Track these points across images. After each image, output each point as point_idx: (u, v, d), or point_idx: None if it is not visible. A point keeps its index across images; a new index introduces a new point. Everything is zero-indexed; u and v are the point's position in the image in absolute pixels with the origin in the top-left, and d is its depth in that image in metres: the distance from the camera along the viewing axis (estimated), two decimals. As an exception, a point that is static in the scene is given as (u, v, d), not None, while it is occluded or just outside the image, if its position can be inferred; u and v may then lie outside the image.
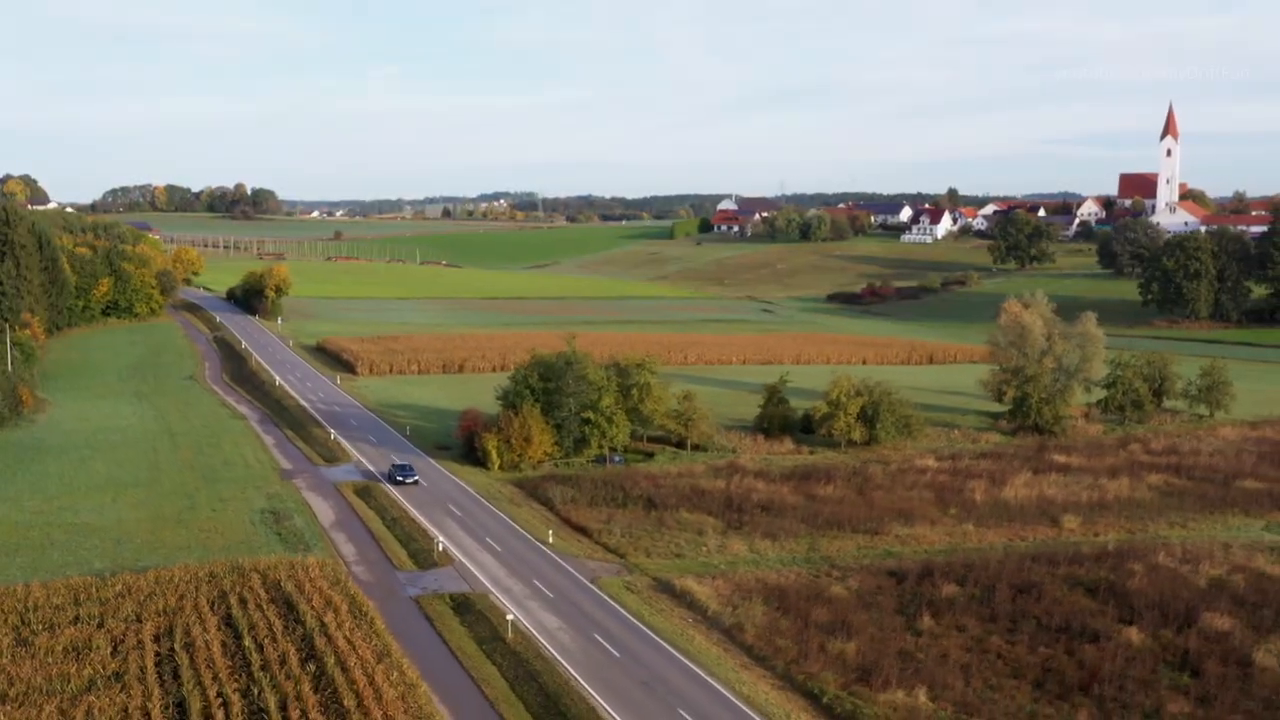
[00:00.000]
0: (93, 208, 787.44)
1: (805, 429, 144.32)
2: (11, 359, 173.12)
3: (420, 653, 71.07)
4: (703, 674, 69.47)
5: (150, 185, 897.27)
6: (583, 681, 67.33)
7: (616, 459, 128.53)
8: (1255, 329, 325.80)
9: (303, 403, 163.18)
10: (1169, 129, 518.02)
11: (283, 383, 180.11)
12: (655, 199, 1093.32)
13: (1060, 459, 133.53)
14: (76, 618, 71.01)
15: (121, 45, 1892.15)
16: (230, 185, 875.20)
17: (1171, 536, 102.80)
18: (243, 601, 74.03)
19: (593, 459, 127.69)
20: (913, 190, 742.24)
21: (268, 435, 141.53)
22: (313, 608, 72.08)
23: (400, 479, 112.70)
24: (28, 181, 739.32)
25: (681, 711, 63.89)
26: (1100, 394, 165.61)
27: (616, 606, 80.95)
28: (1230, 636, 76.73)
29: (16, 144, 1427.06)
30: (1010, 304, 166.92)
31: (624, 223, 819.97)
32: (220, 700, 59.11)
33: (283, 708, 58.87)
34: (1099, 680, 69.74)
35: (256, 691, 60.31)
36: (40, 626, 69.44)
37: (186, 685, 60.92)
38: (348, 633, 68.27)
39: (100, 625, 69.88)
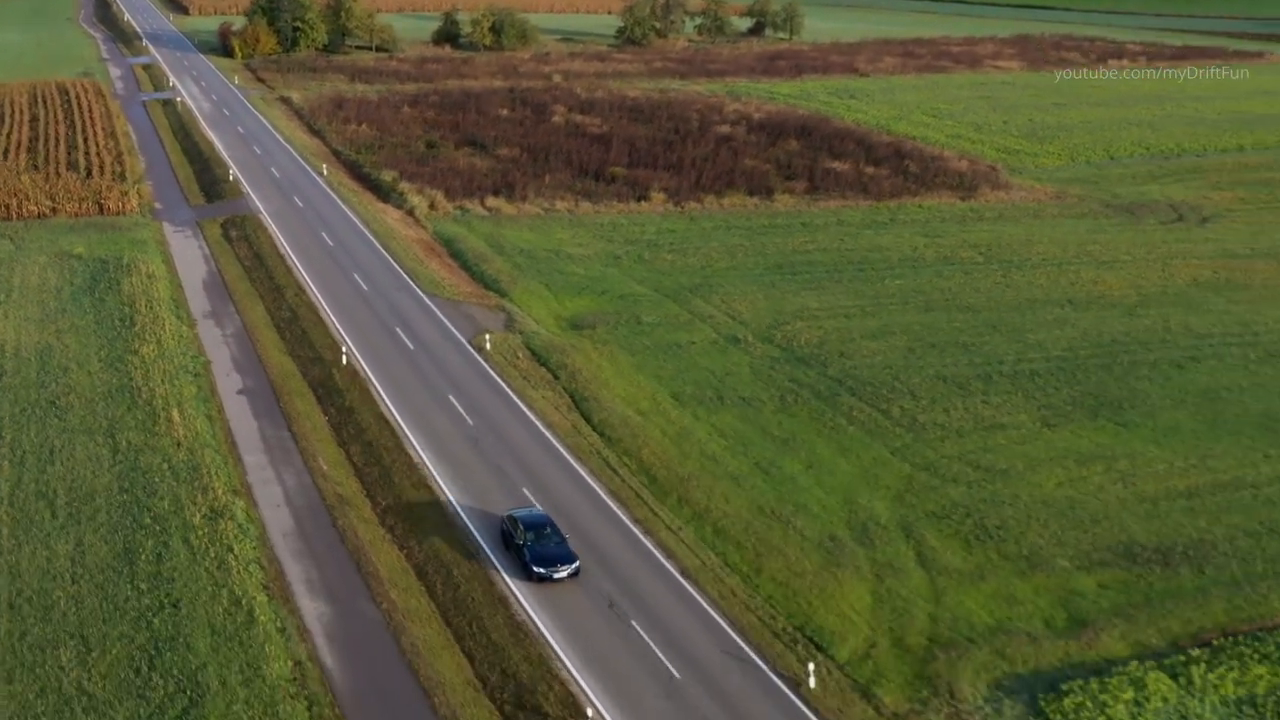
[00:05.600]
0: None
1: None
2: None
3: (130, 116, 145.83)
4: (264, 121, 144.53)
5: None
6: (202, 123, 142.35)
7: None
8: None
9: (138, 30, 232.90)
10: None
11: (130, 19, 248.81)
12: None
13: (619, 56, 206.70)
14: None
15: None
16: None
17: (629, 86, 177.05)
18: (44, 93, 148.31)
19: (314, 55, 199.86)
20: None
21: (104, 46, 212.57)
22: (77, 93, 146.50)
23: (541, 571, 47.96)
24: None
25: (239, 128, 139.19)
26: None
27: (245, 101, 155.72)
28: (575, 122, 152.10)
29: None
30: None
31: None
32: (16, 114, 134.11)
33: (47, 119, 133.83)
34: (469, 126, 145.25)
35: (39, 112, 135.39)
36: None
37: (5, 109, 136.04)
38: (91, 102, 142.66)
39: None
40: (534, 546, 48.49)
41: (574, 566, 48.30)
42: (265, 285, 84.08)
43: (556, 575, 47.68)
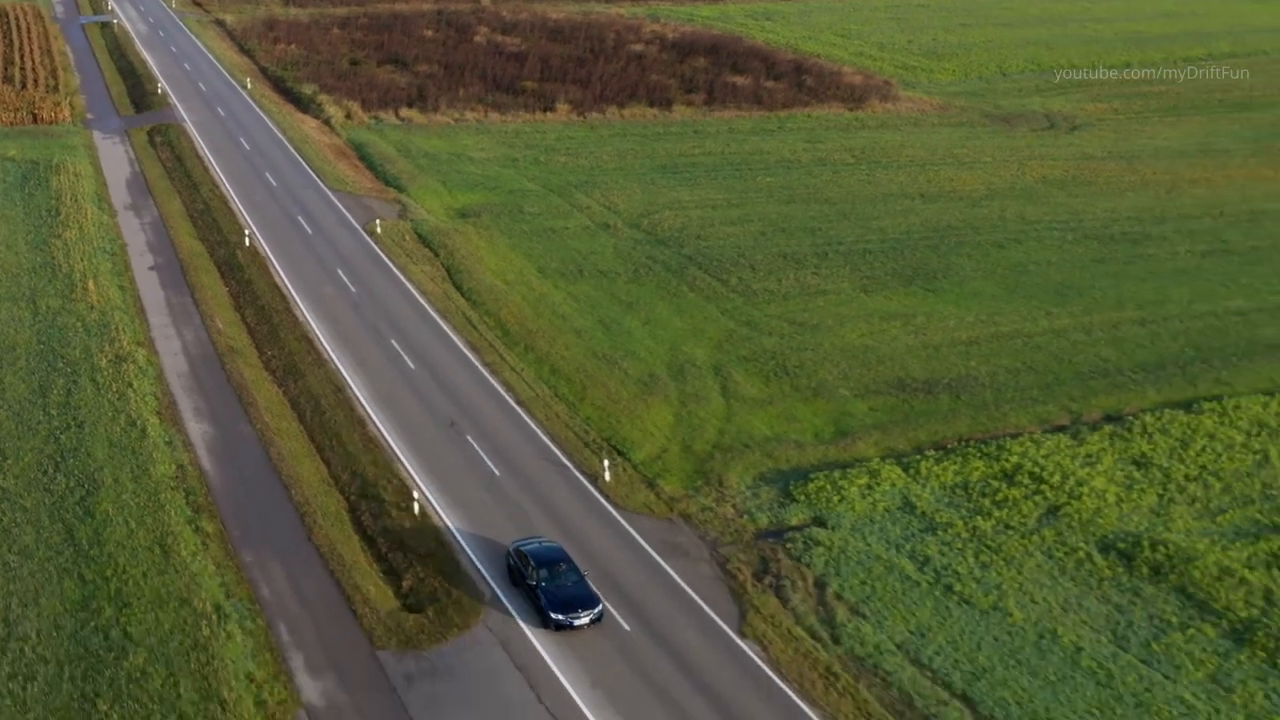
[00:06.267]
0: None
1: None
2: None
3: (69, 37, 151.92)
4: (197, 42, 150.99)
5: None
6: (138, 43, 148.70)
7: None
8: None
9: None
10: None
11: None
12: None
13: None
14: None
15: None
16: None
17: (553, 9, 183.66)
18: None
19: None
20: None
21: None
22: (16, 16, 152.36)
23: (560, 618, 41.15)
24: None
25: (172, 47, 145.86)
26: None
27: (180, 24, 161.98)
28: (491, 38, 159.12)
29: None
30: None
31: None
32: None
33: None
34: (393, 45, 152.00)
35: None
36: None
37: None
38: (30, 24, 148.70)
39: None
40: (550, 588, 41.50)
41: (597, 610, 41.20)
42: (183, 183, 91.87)
43: (578, 622, 40.75)
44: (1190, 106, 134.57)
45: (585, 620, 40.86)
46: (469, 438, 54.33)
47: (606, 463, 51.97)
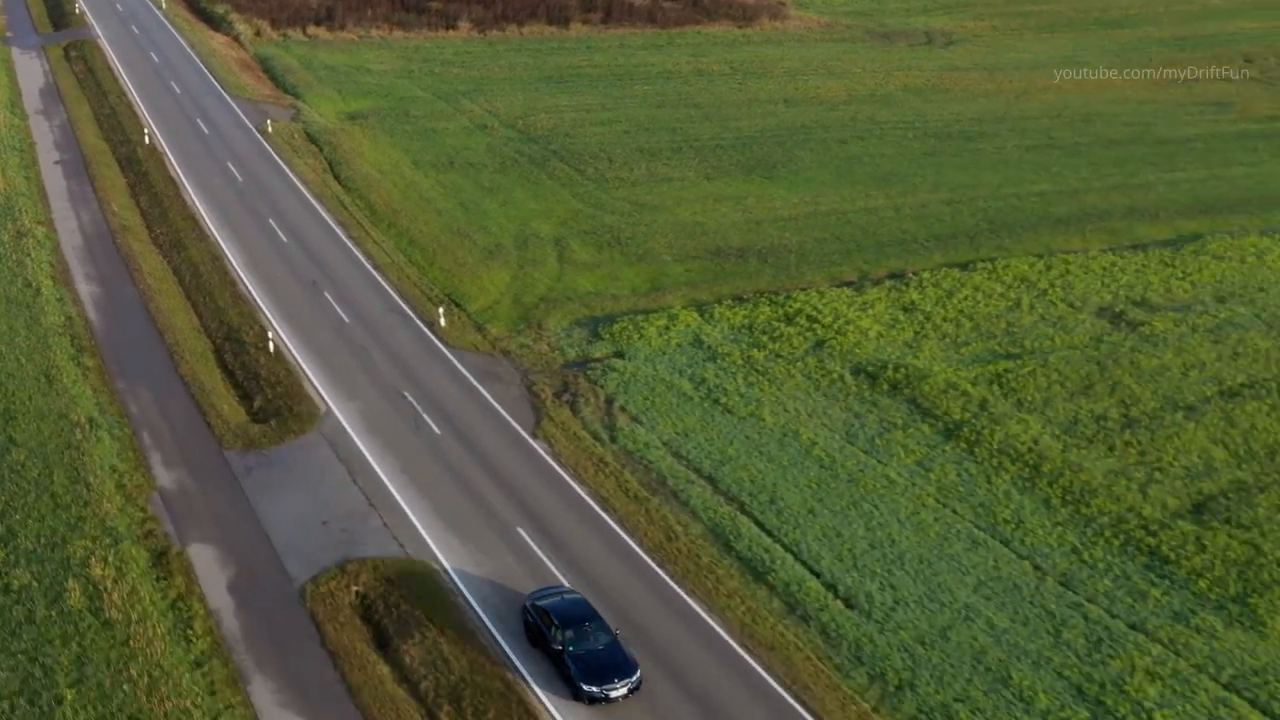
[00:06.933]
0: None
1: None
2: None
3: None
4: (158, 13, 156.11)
5: None
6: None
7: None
8: None
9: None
10: None
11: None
12: None
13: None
14: None
15: None
16: None
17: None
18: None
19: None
20: None
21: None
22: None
23: (593, 690, 34.62)
24: None
25: (132, 27, 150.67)
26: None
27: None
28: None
29: None
30: None
31: None
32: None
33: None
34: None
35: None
36: None
37: None
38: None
39: None
40: (578, 653, 35.22)
41: (635, 679, 34.91)
42: (93, 92, 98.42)
43: (614, 694, 34.44)
44: (1066, 24, 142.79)
45: (622, 691, 34.44)
46: (326, 294, 62.21)
47: (442, 310, 60.02)
